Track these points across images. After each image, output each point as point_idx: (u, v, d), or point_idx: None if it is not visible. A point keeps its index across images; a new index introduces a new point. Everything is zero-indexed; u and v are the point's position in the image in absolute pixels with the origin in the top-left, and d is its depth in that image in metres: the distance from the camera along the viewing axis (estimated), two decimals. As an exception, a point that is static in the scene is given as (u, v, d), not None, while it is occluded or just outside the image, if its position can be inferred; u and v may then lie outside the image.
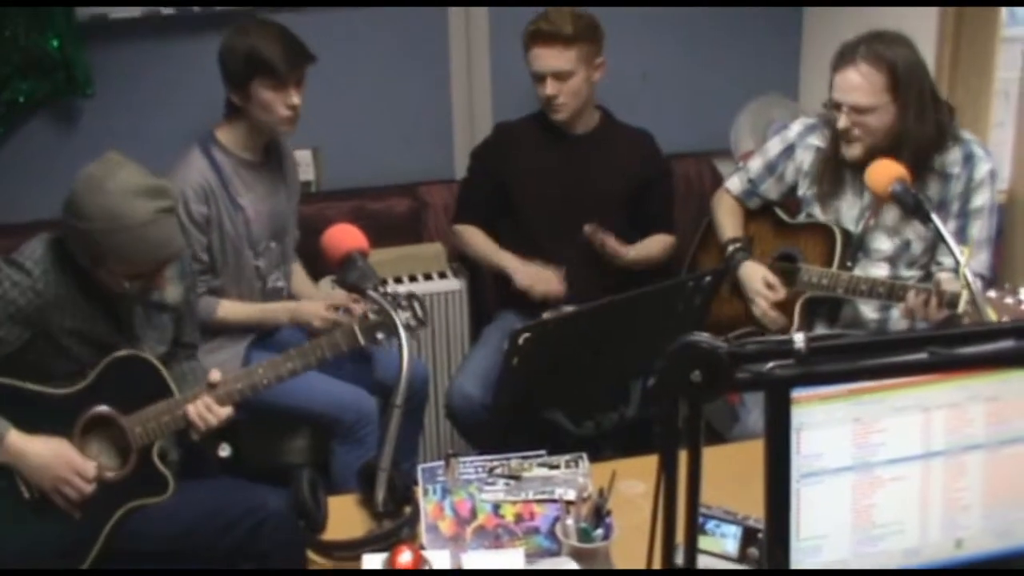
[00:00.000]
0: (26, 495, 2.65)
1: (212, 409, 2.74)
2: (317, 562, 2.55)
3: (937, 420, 1.69)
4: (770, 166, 3.61)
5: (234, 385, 2.79)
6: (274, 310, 3.59)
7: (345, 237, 2.74)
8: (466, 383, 3.63)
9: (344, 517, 2.60)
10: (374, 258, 2.77)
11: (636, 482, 2.57)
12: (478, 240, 3.99)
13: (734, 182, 3.74)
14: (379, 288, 2.69)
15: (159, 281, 2.75)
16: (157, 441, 2.74)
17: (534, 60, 3.76)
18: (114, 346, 2.72)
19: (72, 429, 2.68)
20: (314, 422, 3.61)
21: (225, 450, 2.88)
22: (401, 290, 3.91)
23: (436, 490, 2.53)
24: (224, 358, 3.44)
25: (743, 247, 3.60)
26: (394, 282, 4.25)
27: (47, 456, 2.62)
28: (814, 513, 1.66)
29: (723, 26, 4.63)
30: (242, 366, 3.44)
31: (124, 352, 2.72)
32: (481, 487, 2.54)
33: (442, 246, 4.38)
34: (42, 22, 3.87)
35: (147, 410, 2.71)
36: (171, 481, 2.74)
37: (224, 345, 3.50)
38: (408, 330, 2.86)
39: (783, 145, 3.59)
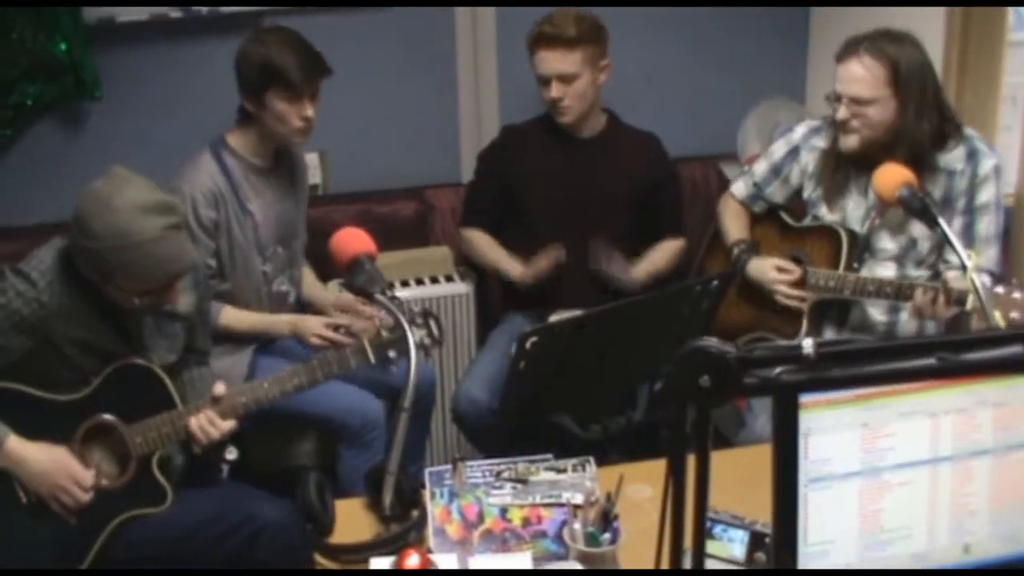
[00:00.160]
0: (24, 500, 2.65)
1: (215, 423, 2.73)
2: (324, 565, 2.55)
3: (945, 425, 1.69)
4: (775, 169, 3.61)
5: (238, 398, 2.77)
6: (276, 322, 3.56)
7: (353, 241, 2.75)
8: (473, 387, 3.64)
9: (351, 520, 2.60)
10: (381, 261, 2.78)
11: (643, 486, 2.57)
12: (485, 245, 3.99)
13: (739, 186, 3.73)
14: (387, 292, 2.69)
15: (170, 296, 2.73)
16: (157, 451, 2.73)
17: (539, 63, 3.76)
18: (119, 357, 2.71)
19: (73, 436, 2.67)
20: (321, 426, 3.61)
21: (232, 453, 2.87)
22: (407, 297, 3.95)
23: (443, 494, 2.53)
24: (230, 364, 3.44)
25: (749, 248, 3.60)
26: (401, 285, 4.25)
27: (45, 463, 2.62)
28: (822, 518, 1.65)
29: (729, 29, 4.63)
30: (248, 372, 3.46)
31: (128, 361, 2.71)
32: (488, 491, 2.54)
33: (449, 250, 4.39)
34: (50, 25, 3.88)
35: (149, 420, 2.70)
36: (169, 492, 2.73)
37: (230, 351, 3.49)
38: (422, 348, 2.86)
39: (788, 148, 3.58)
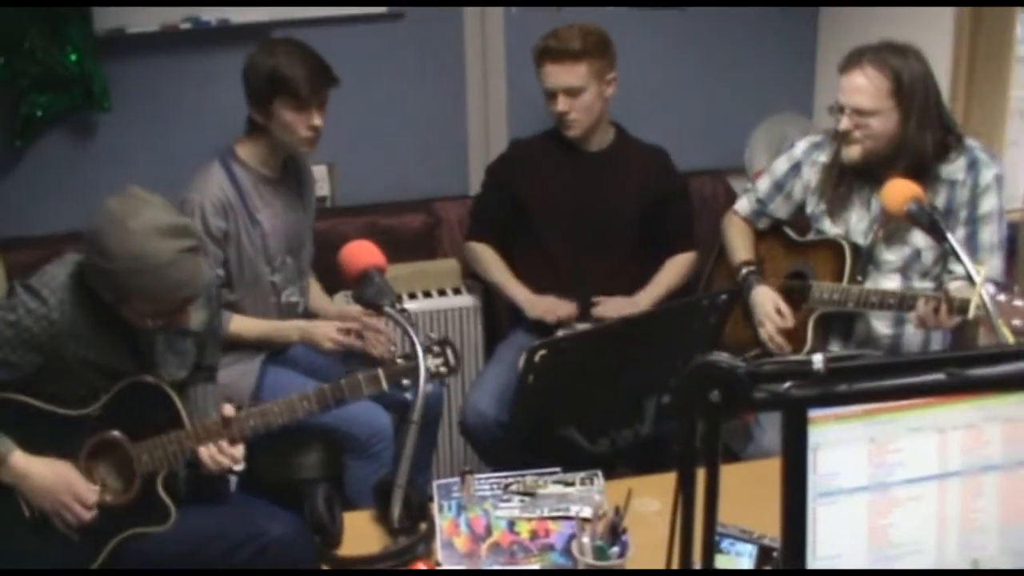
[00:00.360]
0: (27, 514, 2.66)
1: (224, 451, 2.73)
2: (333, 575, 2.56)
3: (953, 440, 1.69)
4: (778, 185, 3.61)
5: (247, 422, 2.77)
6: (285, 328, 3.58)
7: (362, 253, 2.74)
8: (480, 401, 3.63)
9: (359, 533, 2.60)
10: (388, 274, 2.77)
11: (651, 500, 2.57)
12: (491, 263, 3.99)
13: (742, 203, 3.74)
14: (396, 305, 2.69)
15: (183, 317, 2.72)
16: (162, 470, 2.72)
17: (545, 77, 3.77)
18: (129, 374, 2.71)
19: (79, 451, 2.68)
20: (328, 437, 3.61)
21: (239, 465, 2.87)
22: (413, 309, 3.95)
23: (451, 506, 2.53)
24: (238, 374, 3.45)
25: (756, 271, 3.60)
26: (408, 298, 4.25)
27: (49, 479, 2.62)
28: (830, 532, 1.65)
29: (737, 44, 4.64)
30: (256, 383, 3.47)
31: (138, 378, 2.71)
32: (496, 504, 2.54)
33: (456, 262, 4.39)
34: (60, 37, 3.89)
35: (156, 439, 2.70)
36: (173, 511, 2.73)
37: (238, 360, 3.50)
38: (437, 377, 2.86)
39: (790, 163, 3.58)
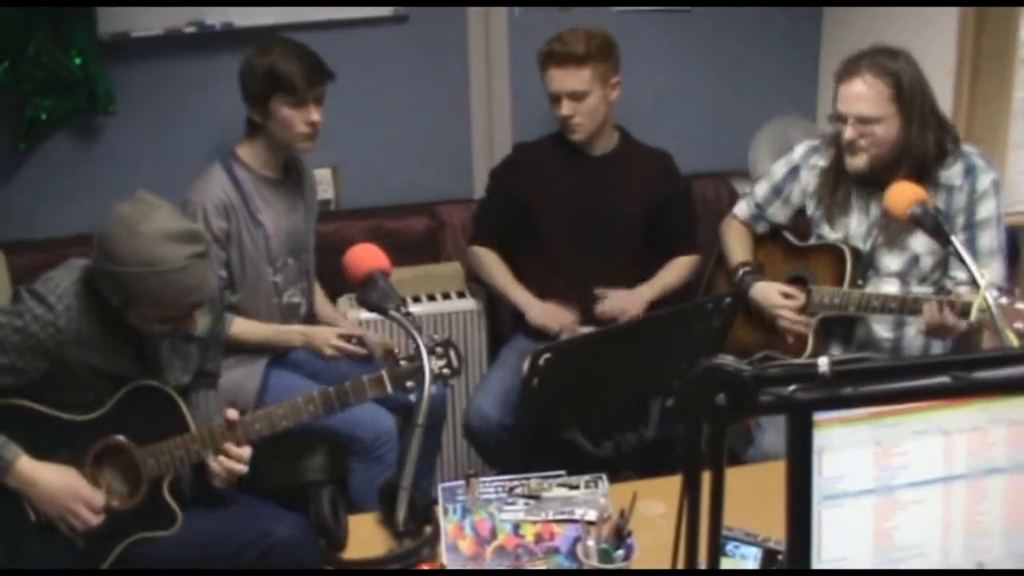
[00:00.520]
0: (32, 519, 2.65)
1: (232, 454, 2.71)
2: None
3: (958, 443, 1.69)
4: (776, 189, 3.61)
5: (252, 426, 2.76)
6: (288, 332, 3.59)
7: (367, 257, 2.74)
8: (484, 404, 3.63)
9: (364, 536, 2.60)
10: (392, 277, 2.77)
11: (655, 503, 2.56)
12: (494, 268, 3.99)
13: (741, 207, 3.74)
14: (400, 308, 2.69)
15: (191, 323, 2.71)
16: (168, 475, 2.72)
17: (549, 81, 3.77)
18: (135, 380, 2.70)
19: (85, 456, 2.67)
20: (333, 439, 3.61)
21: (244, 465, 2.87)
22: (418, 312, 3.95)
23: (456, 510, 2.53)
24: (242, 377, 3.46)
25: (752, 270, 3.60)
26: (412, 301, 4.25)
27: (56, 485, 2.61)
28: (835, 535, 1.65)
29: (741, 47, 4.65)
30: (260, 386, 3.47)
31: (142, 383, 2.70)
32: (501, 507, 2.54)
33: (461, 266, 4.39)
34: (65, 40, 3.90)
35: (162, 443, 2.69)
36: (179, 516, 2.72)
37: (243, 363, 3.50)
38: (440, 379, 2.86)
39: (788, 167, 3.58)
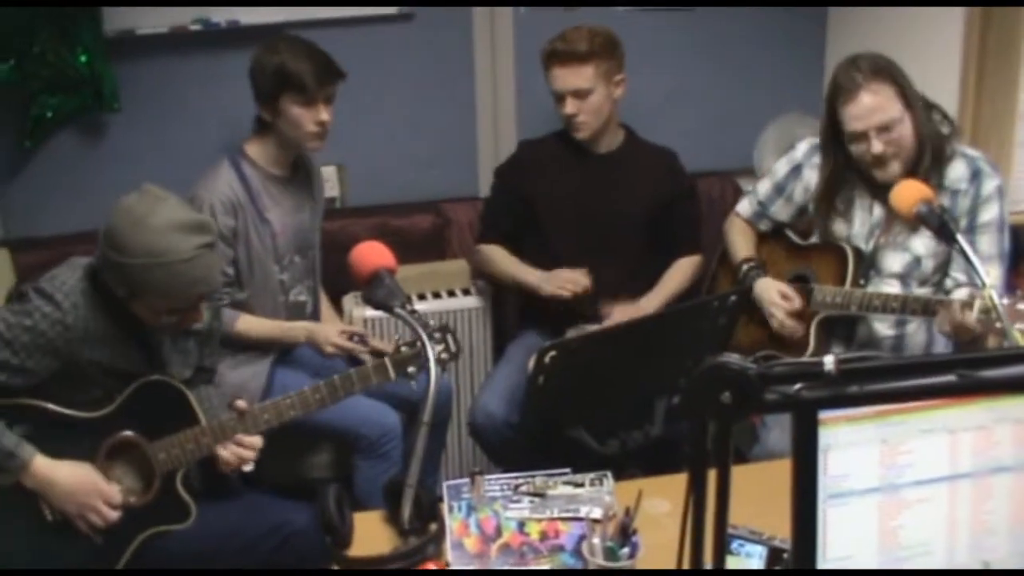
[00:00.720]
0: (49, 518, 2.66)
1: (243, 443, 2.74)
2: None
3: (964, 442, 1.68)
4: (778, 187, 3.59)
5: (261, 415, 2.78)
6: (292, 328, 3.59)
7: (373, 255, 2.74)
8: (490, 402, 3.63)
9: (369, 533, 2.60)
10: (397, 275, 2.77)
11: (661, 501, 2.57)
12: (500, 259, 3.98)
13: (744, 205, 3.73)
14: (406, 306, 2.69)
15: (197, 315, 2.73)
16: (181, 468, 2.74)
17: (553, 80, 3.77)
18: (142, 375, 2.72)
19: (96, 453, 2.68)
20: (338, 437, 3.62)
21: (248, 465, 2.88)
22: (424, 310, 3.95)
23: (461, 507, 2.53)
24: (248, 376, 3.47)
25: (757, 266, 3.59)
26: (417, 299, 4.26)
27: (74, 482, 2.62)
28: (840, 534, 1.65)
29: (746, 44, 4.65)
30: (266, 384, 3.48)
31: (151, 377, 2.72)
32: (506, 505, 2.54)
33: (466, 263, 4.40)
34: (70, 38, 3.90)
35: (172, 437, 2.71)
36: (193, 508, 2.74)
37: (248, 361, 3.52)
38: (439, 363, 2.87)
39: (790, 166, 3.56)
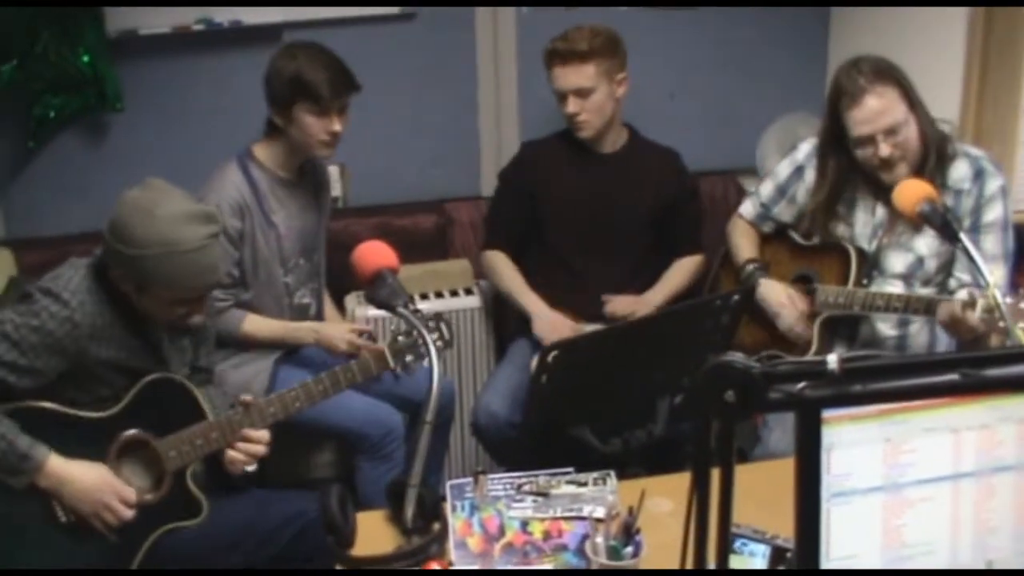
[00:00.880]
0: (63, 519, 2.66)
1: (251, 438, 2.74)
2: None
3: (967, 441, 1.69)
4: (781, 188, 3.59)
5: (268, 408, 2.79)
6: (299, 329, 3.59)
7: (376, 254, 2.74)
8: (492, 401, 3.63)
9: (372, 533, 2.60)
10: (400, 274, 2.77)
11: (664, 500, 2.57)
12: (505, 274, 3.96)
13: (746, 207, 3.72)
14: (409, 306, 2.70)
15: (203, 306, 2.74)
16: (191, 465, 2.74)
17: (555, 79, 3.78)
18: (148, 372, 2.72)
19: (106, 453, 2.68)
20: (340, 437, 3.62)
21: (251, 465, 2.88)
22: (425, 310, 3.96)
23: (464, 507, 2.53)
24: (251, 374, 3.47)
25: (760, 267, 3.59)
26: (420, 298, 4.26)
27: (89, 482, 2.63)
28: (844, 533, 1.65)
29: (749, 44, 4.65)
30: (269, 382, 3.48)
31: (157, 375, 2.72)
32: (509, 504, 2.54)
33: (468, 263, 4.40)
34: (73, 39, 3.91)
35: (181, 433, 2.71)
36: (205, 504, 2.75)
37: (251, 360, 3.52)
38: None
39: (792, 167, 3.55)
